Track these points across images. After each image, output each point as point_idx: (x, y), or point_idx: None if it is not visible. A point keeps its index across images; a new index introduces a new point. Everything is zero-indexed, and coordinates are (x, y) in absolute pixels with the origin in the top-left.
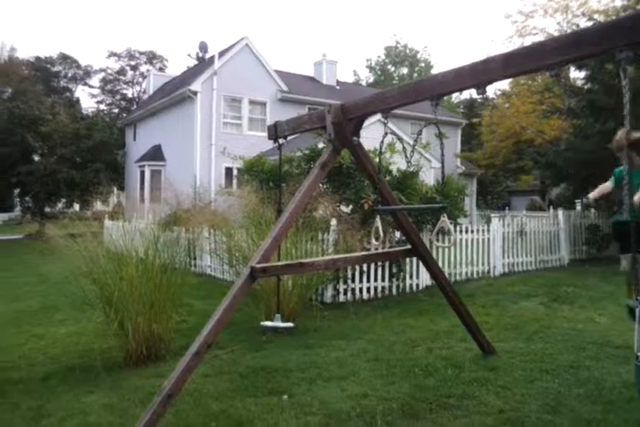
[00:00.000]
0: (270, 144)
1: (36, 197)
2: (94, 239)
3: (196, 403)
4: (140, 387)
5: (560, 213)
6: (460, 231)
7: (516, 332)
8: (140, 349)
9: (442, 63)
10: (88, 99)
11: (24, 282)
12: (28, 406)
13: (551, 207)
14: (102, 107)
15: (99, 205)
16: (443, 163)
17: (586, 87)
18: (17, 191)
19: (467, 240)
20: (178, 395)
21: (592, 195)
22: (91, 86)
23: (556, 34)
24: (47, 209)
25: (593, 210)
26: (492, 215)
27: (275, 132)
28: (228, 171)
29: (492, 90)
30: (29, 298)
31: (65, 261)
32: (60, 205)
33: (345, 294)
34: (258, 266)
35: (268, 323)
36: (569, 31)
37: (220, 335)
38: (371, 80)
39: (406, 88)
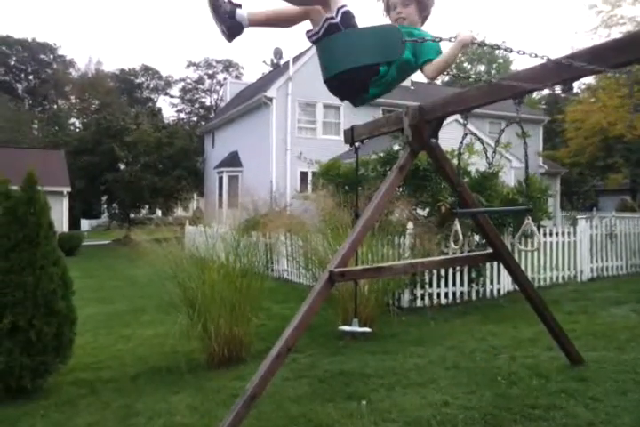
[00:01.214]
0: (345, 148)
1: (121, 204)
2: (178, 244)
3: (277, 406)
4: (222, 388)
5: None
6: (545, 234)
7: (607, 340)
8: (221, 351)
9: (521, 59)
10: (169, 108)
11: (113, 285)
12: (119, 404)
13: None
14: (182, 115)
15: (180, 211)
16: (526, 163)
17: None
18: (104, 198)
19: (551, 243)
20: (259, 397)
21: None
22: (171, 96)
23: None
24: (132, 215)
25: None
26: (579, 217)
27: (351, 136)
28: (304, 175)
29: (577, 84)
30: (118, 301)
31: (151, 265)
32: (144, 212)
33: (422, 298)
34: (336, 270)
35: (346, 328)
36: None
37: (299, 339)
38: (446, 79)
39: (486, 87)
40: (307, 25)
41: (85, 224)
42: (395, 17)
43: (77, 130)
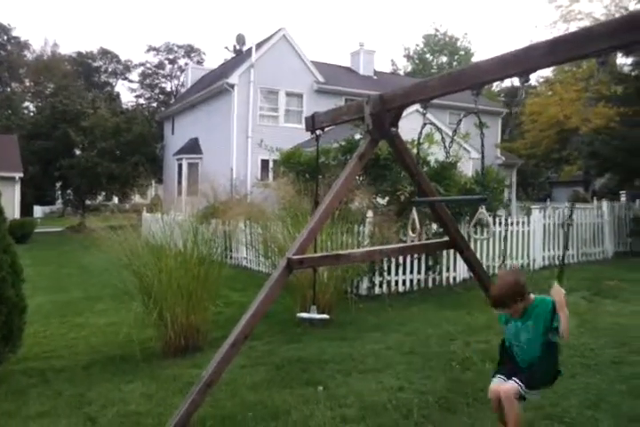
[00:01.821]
0: (306, 136)
1: (77, 190)
2: (134, 232)
3: (233, 393)
4: (178, 376)
5: (604, 204)
6: (500, 223)
7: None
8: (178, 339)
9: (483, 51)
10: (128, 93)
11: (66, 273)
12: (71, 393)
13: (595, 199)
14: (141, 101)
15: (137, 198)
16: (483, 153)
17: (633, 74)
18: (59, 184)
19: (506, 233)
20: (216, 384)
21: None
22: (130, 81)
23: (602, 18)
24: (88, 202)
25: (638, 201)
26: (533, 207)
27: (312, 123)
28: (265, 163)
29: (535, 78)
30: (71, 289)
31: (105, 252)
32: (100, 198)
33: (380, 286)
34: (295, 257)
35: (304, 315)
36: (617, 15)
37: (256, 327)
38: (409, 69)
39: (447, 77)
40: None
41: (38, 211)
42: None
43: (31, 114)
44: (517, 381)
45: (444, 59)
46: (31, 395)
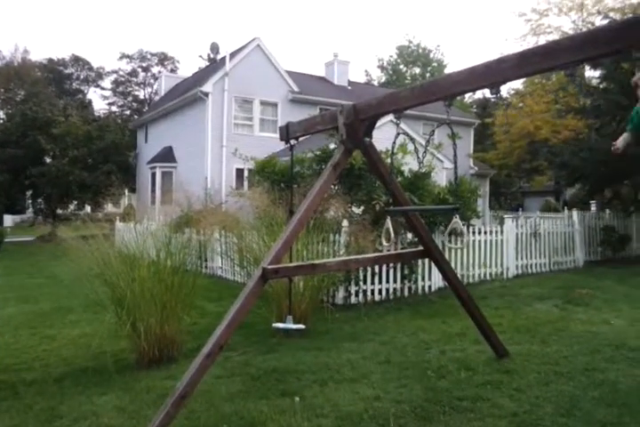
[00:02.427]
0: (281, 145)
1: (47, 199)
2: (106, 241)
3: (209, 404)
4: (152, 388)
5: (574, 213)
6: (473, 233)
7: (530, 334)
8: (151, 350)
9: (455, 63)
10: (100, 101)
11: (36, 284)
12: (42, 407)
13: (565, 208)
14: (114, 108)
15: (110, 207)
16: (456, 164)
17: (601, 86)
18: (29, 193)
19: (479, 242)
20: (190, 396)
21: (618, 142)
22: (103, 88)
23: (571, 32)
24: (59, 211)
25: (608, 211)
26: (506, 216)
27: (286, 133)
28: (240, 172)
29: (506, 89)
30: (42, 300)
31: (77, 262)
32: (71, 207)
33: (356, 295)
34: (270, 267)
35: (280, 325)
36: (584, 30)
37: (231, 337)
38: (383, 80)
39: (419, 88)
40: None
41: (8, 220)
42: None
43: (1, 121)
44: None
45: (418, 70)
46: (1, 408)
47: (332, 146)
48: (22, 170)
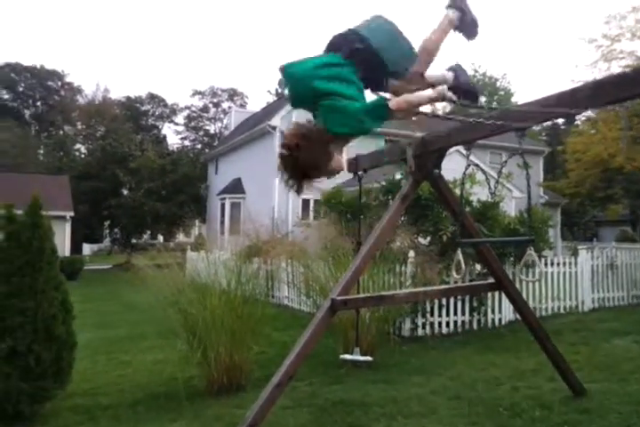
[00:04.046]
0: (347, 176)
1: (124, 229)
2: (179, 270)
3: None
4: (221, 416)
5: None
6: (546, 264)
7: (609, 372)
8: (221, 378)
9: (522, 91)
10: (173, 135)
11: (113, 310)
12: None
13: None
14: (186, 143)
15: (182, 237)
16: (529, 194)
17: None
18: (107, 223)
19: (552, 273)
20: (259, 426)
21: None
22: (176, 124)
23: None
24: (134, 240)
25: None
26: (580, 247)
27: (355, 165)
28: (306, 203)
29: (578, 116)
30: (118, 326)
31: (152, 290)
32: (145, 237)
33: (423, 327)
34: (339, 298)
35: (347, 356)
36: None
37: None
38: (447, 109)
39: (490, 121)
40: None
41: (87, 249)
42: None
43: (82, 155)
44: None
45: (484, 99)
46: None
47: (397, 176)
48: (101, 201)
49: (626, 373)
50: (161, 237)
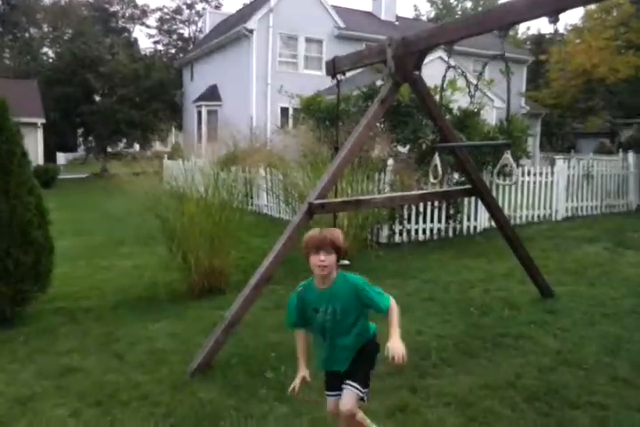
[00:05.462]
0: (326, 84)
1: (98, 137)
2: (156, 177)
3: (256, 334)
4: (201, 317)
5: (630, 156)
6: (523, 173)
7: (577, 276)
8: (201, 282)
9: None
10: (145, 39)
11: (90, 218)
12: (99, 332)
13: (620, 150)
14: (159, 47)
15: (158, 146)
16: (508, 100)
17: None
18: (80, 131)
19: (529, 182)
20: (238, 325)
21: None
22: (148, 26)
23: None
24: (109, 149)
25: None
26: (557, 157)
27: (333, 67)
28: (284, 110)
29: (562, 25)
30: (96, 233)
31: (128, 197)
32: (121, 145)
33: (400, 234)
34: (316, 202)
35: None
36: None
37: (277, 272)
38: (432, 15)
39: (473, 18)
40: None
41: (61, 158)
42: None
43: (51, 60)
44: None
45: (469, 4)
46: (60, 333)
47: (378, 83)
48: (73, 108)
49: (593, 277)
50: (137, 146)
